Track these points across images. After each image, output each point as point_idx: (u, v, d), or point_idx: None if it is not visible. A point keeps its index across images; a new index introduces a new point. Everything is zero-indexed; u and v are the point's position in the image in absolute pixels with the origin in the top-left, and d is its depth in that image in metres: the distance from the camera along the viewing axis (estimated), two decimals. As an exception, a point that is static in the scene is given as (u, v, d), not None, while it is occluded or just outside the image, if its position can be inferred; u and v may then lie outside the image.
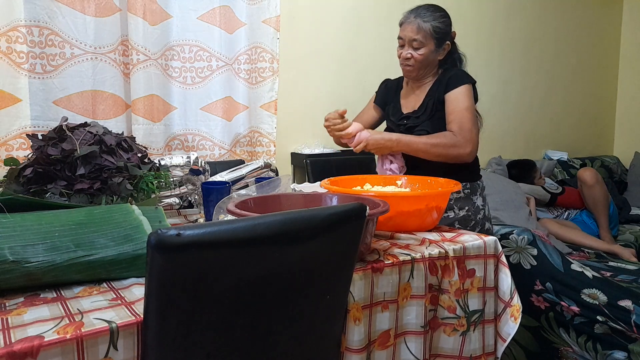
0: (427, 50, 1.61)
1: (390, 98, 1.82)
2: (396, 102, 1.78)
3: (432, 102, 1.64)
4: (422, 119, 1.65)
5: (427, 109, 1.64)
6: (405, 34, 1.62)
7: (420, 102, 1.68)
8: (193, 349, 0.68)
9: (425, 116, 1.64)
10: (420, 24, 1.59)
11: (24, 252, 0.84)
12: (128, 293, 0.86)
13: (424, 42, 1.60)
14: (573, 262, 1.76)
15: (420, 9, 1.62)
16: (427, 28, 1.59)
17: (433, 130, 1.60)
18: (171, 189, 1.59)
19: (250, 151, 2.27)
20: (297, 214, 0.75)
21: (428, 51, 1.62)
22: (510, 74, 3.38)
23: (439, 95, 1.62)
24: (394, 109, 1.78)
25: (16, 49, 1.70)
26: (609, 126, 4.13)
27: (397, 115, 1.75)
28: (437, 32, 1.60)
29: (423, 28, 1.59)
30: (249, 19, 2.17)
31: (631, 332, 1.59)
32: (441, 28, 1.60)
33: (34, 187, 1.17)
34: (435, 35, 1.60)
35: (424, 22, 1.59)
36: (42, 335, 0.68)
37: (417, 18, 1.59)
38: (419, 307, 1.09)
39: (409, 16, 1.62)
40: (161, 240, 0.61)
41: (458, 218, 1.63)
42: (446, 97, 1.60)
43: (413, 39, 1.60)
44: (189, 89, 2.10)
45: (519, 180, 2.99)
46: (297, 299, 0.78)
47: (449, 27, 1.64)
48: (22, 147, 1.74)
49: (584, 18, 3.76)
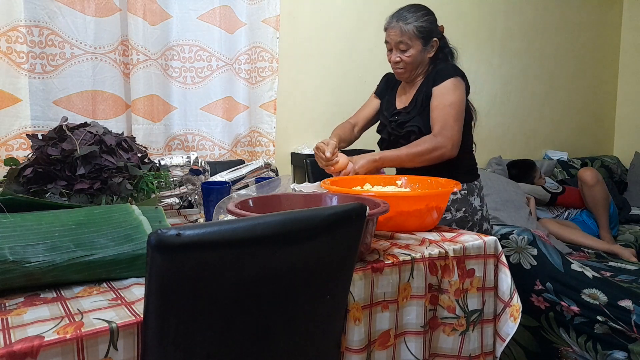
0: (415, 51, 1.62)
1: (388, 92, 1.83)
2: (391, 97, 1.79)
3: (422, 97, 1.64)
4: (412, 114, 1.66)
5: (417, 105, 1.65)
6: (391, 38, 1.63)
7: (411, 98, 1.69)
8: (193, 349, 0.68)
9: (416, 111, 1.65)
10: (402, 26, 1.59)
11: (24, 252, 0.84)
12: (128, 293, 0.86)
13: (409, 44, 1.61)
14: (573, 262, 1.76)
15: (402, 11, 1.62)
16: (410, 30, 1.59)
17: (424, 125, 1.61)
18: (171, 189, 1.59)
19: (250, 151, 2.27)
20: (297, 214, 0.75)
21: (416, 52, 1.62)
22: (510, 74, 3.38)
23: (427, 90, 1.63)
24: (388, 104, 1.78)
25: (16, 49, 1.70)
26: (609, 126, 4.13)
27: (389, 110, 1.76)
28: (422, 32, 1.60)
29: (406, 30, 1.59)
30: (249, 19, 2.17)
31: (631, 332, 1.59)
32: (424, 27, 1.61)
33: (34, 187, 1.17)
34: (420, 34, 1.60)
35: (406, 24, 1.59)
36: (42, 335, 0.68)
37: (399, 21, 1.60)
38: (419, 307, 1.09)
39: (391, 21, 1.63)
40: (161, 240, 0.62)
41: (455, 219, 1.63)
42: (433, 92, 1.61)
43: (399, 41, 1.61)
44: (189, 89, 2.10)
45: (519, 180, 2.99)
46: (297, 299, 0.78)
47: (433, 24, 1.64)
48: (22, 147, 1.74)
49: (584, 18, 3.76)
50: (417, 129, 1.62)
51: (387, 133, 1.74)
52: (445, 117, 1.56)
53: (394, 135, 1.70)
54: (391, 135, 1.72)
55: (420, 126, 1.62)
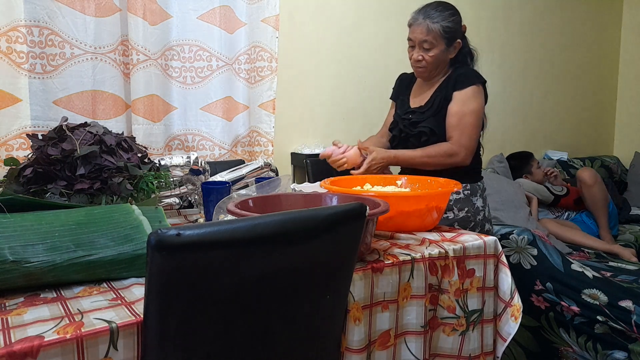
0: (438, 51, 1.59)
1: (402, 91, 1.80)
2: (406, 96, 1.77)
3: (440, 99, 1.62)
4: (427, 114, 1.64)
5: (434, 106, 1.63)
6: (415, 35, 1.59)
7: (427, 97, 1.67)
8: (193, 349, 0.68)
9: (431, 112, 1.63)
10: (429, 25, 1.56)
11: (24, 252, 0.84)
12: (128, 293, 0.86)
13: (434, 43, 1.57)
14: (573, 262, 1.76)
15: (429, 9, 1.59)
16: (436, 29, 1.56)
17: (437, 127, 1.60)
18: (171, 189, 1.59)
19: (250, 151, 2.27)
20: (297, 214, 0.75)
21: (439, 52, 1.59)
22: (510, 73, 3.38)
23: (447, 93, 1.61)
24: (402, 102, 1.76)
25: (16, 49, 1.70)
26: (609, 126, 4.13)
27: (403, 108, 1.74)
28: (447, 32, 1.57)
29: (432, 29, 1.56)
30: (249, 19, 2.17)
31: (631, 332, 1.59)
32: (451, 27, 1.57)
33: (34, 187, 1.17)
34: (445, 35, 1.57)
35: (433, 23, 1.56)
36: (42, 335, 0.68)
37: (425, 19, 1.56)
38: (419, 307, 1.09)
39: (418, 17, 1.59)
40: (161, 240, 0.62)
41: (457, 219, 1.63)
42: (453, 96, 1.59)
43: (423, 40, 1.58)
44: (189, 89, 2.10)
45: (519, 170, 3.01)
46: (297, 299, 0.78)
47: (458, 25, 1.61)
48: (22, 147, 1.74)
49: (584, 18, 3.76)
50: (429, 130, 1.61)
51: (398, 130, 1.72)
52: (465, 124, 1.56)
53: (405, 133, 1.68)
54: (402, 133, 1.70)
55: (433, 127, 1.60)
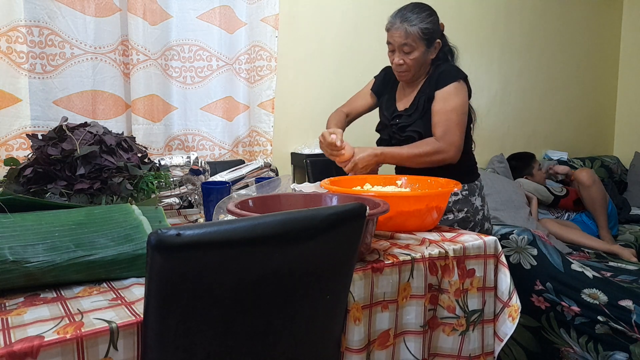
0: (419, 54, 1.59)
1: (387, 89, 1.80)
2: (391, 97, 1.77)
3: (424, 99, 1.62)
4: (413, 117, 1.64)
5: (419, 107, 1.63)
6: (394, 39, 1.59)
7: (412, 99, 1.67)
8: (193, 349, 0.68)
9: (417, 114, 1.63)
10: (407, 28, 1.55)
11: (24, 252, 0.84)
12: (128, 293, 0.86)
13: (414, 46, 1.57)
14: (573, 262, 1.76)
15: (405, 12, 1.58)
16: (415, 31, 1.55)
17: (424, 130, 1.60)
18: (171, 189, 1.59)
19: (250, 151, 2.27)
20: (297, 214, 0.75)
21: (419, 54, 1.59)
22: (510, 74, 3.38)
23: (430, 93, 1.61)
24: (388, 103, 1.76)
25: (16, 49, 1.70)
26: (609, 126, 4.13)
27: (390, 111, 1.73)
28: (426, 34, 1.57)
29: (411, 32, 1.55)
30: (249, 19, 2.17)
31: (632, 332, 1.59)
32: (429, 28, 1.57)
33: (34, 187, 1.17)
34: (425, 37, 1.57)
35: (411, 26, 1.55)
36: (42, 335, 0.68)
37: (403, 23, 1.56)
38: (419, 307, 1.09)
39: (395, 21, 1.58)
40: (161, 240, 0.62)
41: (457, 220, 1.63)
42: (435, 95, 1.59)
43: (402, 44, 1.57)
44: (189, 89, 2.10)
45: (520, 171, 3.01)
46: (297, 299, 0.78)
47: (436, 25, 1.61)
48: (22, 147, 1.74)
49: (584, 18, 3.76)
50: (418, 135, 1.61)
51: (387, 135, 1.73)
52: (448, 122, 1.55)
53: (395, 139, 1.69)
54: (392, 139, 1.71)
55: (421, 131, 1.60)
